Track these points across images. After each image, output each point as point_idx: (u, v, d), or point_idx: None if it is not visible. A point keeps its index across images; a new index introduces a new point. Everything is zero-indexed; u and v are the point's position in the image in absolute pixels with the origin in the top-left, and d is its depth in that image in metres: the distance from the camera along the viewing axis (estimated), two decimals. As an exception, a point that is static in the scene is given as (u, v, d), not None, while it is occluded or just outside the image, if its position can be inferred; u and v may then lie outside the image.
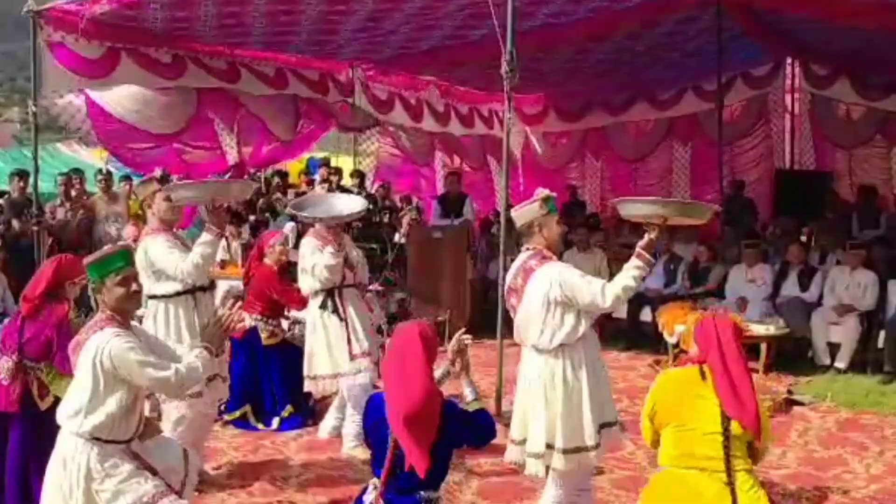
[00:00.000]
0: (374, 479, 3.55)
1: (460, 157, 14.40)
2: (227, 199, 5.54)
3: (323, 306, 5.97)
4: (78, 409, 3.67)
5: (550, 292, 4.34)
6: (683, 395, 3.75)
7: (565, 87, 13.57)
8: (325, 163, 13.82)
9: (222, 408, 6.66)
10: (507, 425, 6.47)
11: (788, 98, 13.42)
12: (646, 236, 4.37)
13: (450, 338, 10.22)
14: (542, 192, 4.66)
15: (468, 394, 3.77)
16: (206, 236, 5.04)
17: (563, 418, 4.33)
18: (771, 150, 13.56)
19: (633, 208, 4.63)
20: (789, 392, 7.58)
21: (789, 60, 12.92)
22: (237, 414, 6.72)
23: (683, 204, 5.22)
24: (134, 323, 4.02)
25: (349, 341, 5.92)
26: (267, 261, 6.97)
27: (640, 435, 4.14)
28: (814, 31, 10.53)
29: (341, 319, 5.95)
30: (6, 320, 5.79)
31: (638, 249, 4.35)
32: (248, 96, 10.59)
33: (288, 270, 6.74)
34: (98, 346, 3.64)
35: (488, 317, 9.97)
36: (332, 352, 5.95)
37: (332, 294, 5.96)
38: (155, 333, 4.98)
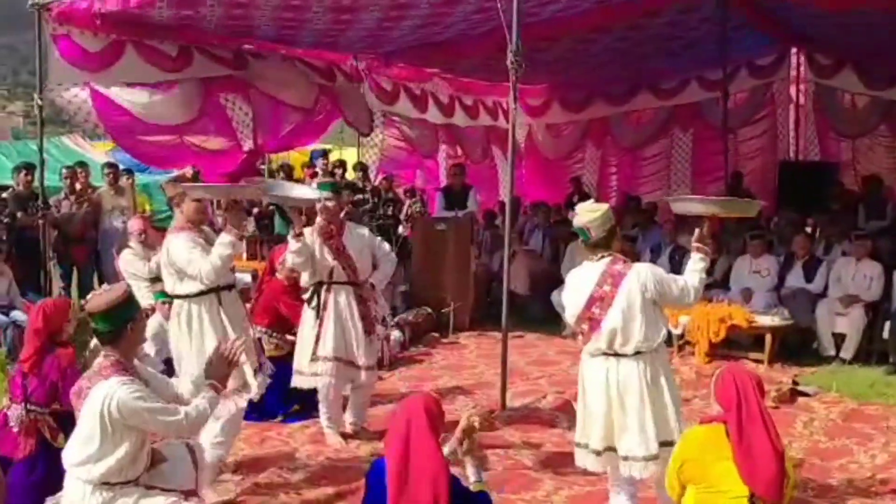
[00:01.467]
0: None
1: (463, 148, 14.39)
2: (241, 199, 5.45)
3: (308, 301, 5.99)
4: (87, 457, 3.65)
5: (646, 292, 4.43)
6: (710, 456, 3.66)
7: (568, 77, 13.55)
8: (325, 154, 13.80)
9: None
10: (510, 417, 6.55)
11: (793, 89, 13.40)
12: (696, 231, 4.63)
13: (455, 329, 10.33)
14: (597, 204, 4.72)
15: (472, 474, 3.76)
16: (224, 237, 4.93)
17: (655, 419, 4.42)
18: (775, 141, 13.57)
19: (687, 206, 4.92)
20: (794, 383, 7.57)
21: (794, 51, 12.90)
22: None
23: (734, 201, 5.34)
24: (136, 362, 3.98)
25: (317, 341, 5.90)
26: (278, 275, 6.94)
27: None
28: (818, 20, 10.49)
29: (317, 317, 5.92)
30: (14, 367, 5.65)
31: (695, 245, 4.61)
32: (258, 77, 10.54)
33: (298, 286, 6.61)
34: (105, 396, 3.60)
35: (492, 308, 10.04)
36: (303, 349, 6.00)
37: (318, 288, 5.96)
38: (179, 334, 5.04)
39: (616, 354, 4.47)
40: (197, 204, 5.14)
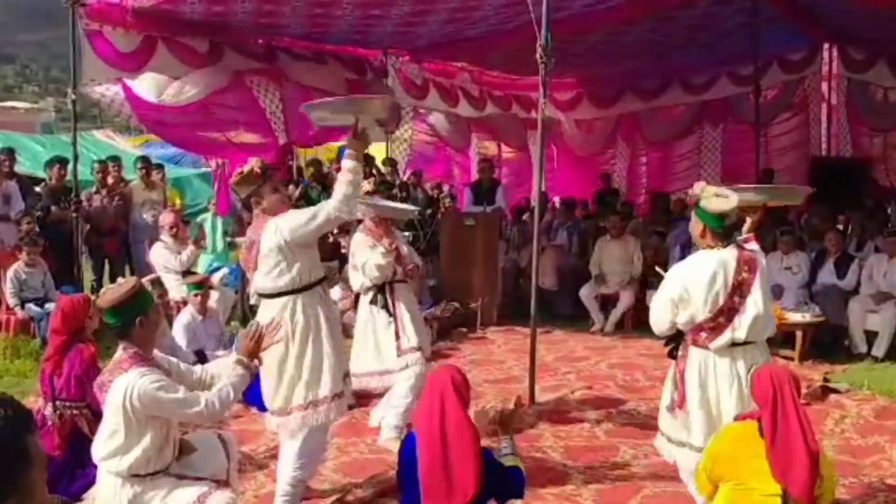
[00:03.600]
0: None
1: (500, 138, 14.38)
2: (370, 116, 4.93)
3: (373, 301, 5.98)
4: (114, 450, 3.70)
5: (766, 277, 4.46)
6: (742, 453, 3.65)
7: (598, 70, 13.51)
8: (339, 151, 13.83)
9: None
10: (539, 412, 6.54)
11: (825, 85, 13.26)
12: (748, 220, 4.71)
13: (483, 324, 10.34)
14: (724, 190, 4.50)
15: (505, 447, 3.81)
16: (348, 163, 4.56)
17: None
18: (807, 137, 13.44)
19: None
20: (825, 380, 7.51)
21: (826, 46, 12.76)
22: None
23: (779, 188, 5.34)
24: (155, 352, 3.99)
25: (398, 337, 5.92)
26: None
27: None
28: (851, 14, 10.39)
29: (390, 315, 5.94)
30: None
31: (747, 235, 4.66)
32: (290, 68, 10.58)
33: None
34: (126, 388, 3.63)
35: (519, 303, 10.04)
36: (380, 348, 5.96)
37: (382, 290, 5.98)
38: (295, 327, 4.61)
39: (745, 343, 4.33)
40: (278, 195, 4.81)
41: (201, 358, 6.61)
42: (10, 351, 8.19)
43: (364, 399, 6.63)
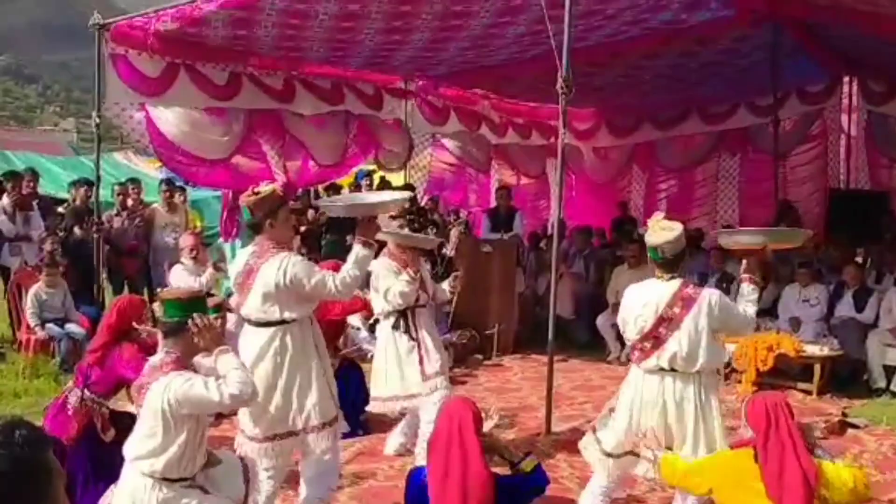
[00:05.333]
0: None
1: (519, 166, 14.44)
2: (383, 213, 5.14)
3: (395, 326, 5.99)
4: (150, 451, 3.75)
5: (713, 320, 4.54)
6: (740, 485, 3.71)
7: (617, 102, 13.57)
8: (369, 174, 13.90)
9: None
10: (555, 442, 6.52)
11: (844, 118, 13.26)
12: (744, 263, 4.80)
13: (498, 351, 10.36)
14: (672, 222, 4.71)
15: (512, 457, 3.87)
16: (361, 250, 4.64)
17: (705, 433, 4.56)
18: (825, 169, 13.39)
19: (735, 239, 5.05)
20: (844, 415, 7.46)
21: (846, 79, 12.77)
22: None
23: (780, 231, 5.39)
24: (196, 360, 4.05)
25: (421, 361, 5.93)
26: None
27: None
28: (871, 47, 10.41)
29: (413, 339, 5.96)
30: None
31: (745, 275, 4.78)
32: (295, 120, 10.62)
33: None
34: (163, 390, 3.70)
35: (536, 331, 10.03)
36: (405, 373, 5.96)
37: (404, 314, 6.00)
38: (278, 361, 4.62)
39: (673, 370, 4.58)
40: (291, 223, 4.91)
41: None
42: (29, 370, 8.25)
43: (380, 426, 6.65)
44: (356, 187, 13.85)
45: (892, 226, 11.66)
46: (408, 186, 13.02)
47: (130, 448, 3.84)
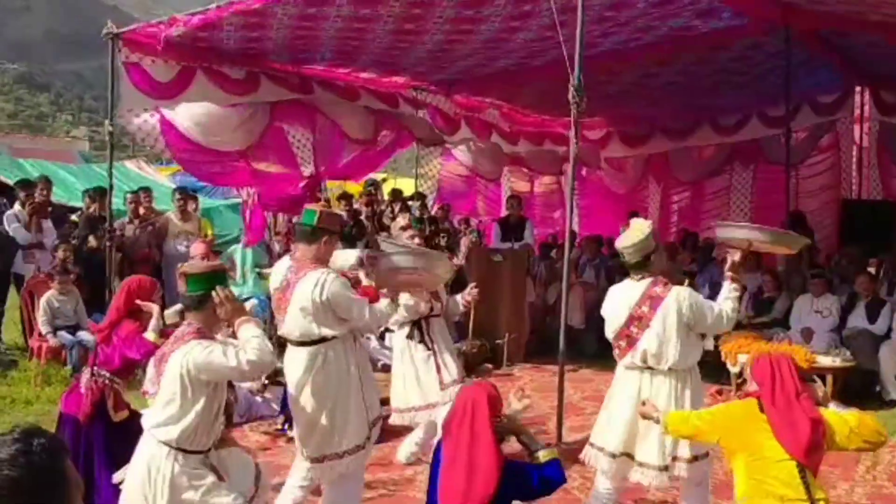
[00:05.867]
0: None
1: (534, 169, 14.42)
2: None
3: (410, 336, 6.01)
4: (168, 418, 3.81)
5: (683, 317, 4.63)
6: (747, 427, 3.74)
7: (629, 111, 13.55)
8: (373, 184, 13.87)
9: (285, 425, 6.79)
10: (566, 452, 6.51)
11: (856, 128, 13.22)
12: (728, 259, 4.86)
13: (508, 361, 10.33)
14: (644, 223, 4.85)
15: (535, 447, 3.75)
16: (390, 306, 4.86)
17: None
18: (838, 179, 13.35)
19: (732, 232, 5.05)
20: (856, 426, 7.40)
21: (858, 89, 12.73)
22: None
23: (778, 233, 5.32)
24: (218, 336, 4.11)
25: (438, 370, 5.94)
26: None
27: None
28: (884, 57, 10.38)
29: (428, 349, 5.97)
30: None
31: (728, 273, 4.83)
32: (323, 102, 10.62)
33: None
34: (183, 357, 3.77)
35: (546, 340, 10.00)
36: (421, 383, 5.97)
37: (418, 324, 6.01)
38: (323, 380, 4.69)
39: (650, 368, 4.74)
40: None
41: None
42: (41, 378, 8.28)
43: (391, 435, 6.64)
44: (367, 195, 13.89)
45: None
46: (419, 196, 13.05)
47: (149, 416, 3.91)
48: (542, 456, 3.65)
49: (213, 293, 3.91)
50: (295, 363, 4.72)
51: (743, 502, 3.74)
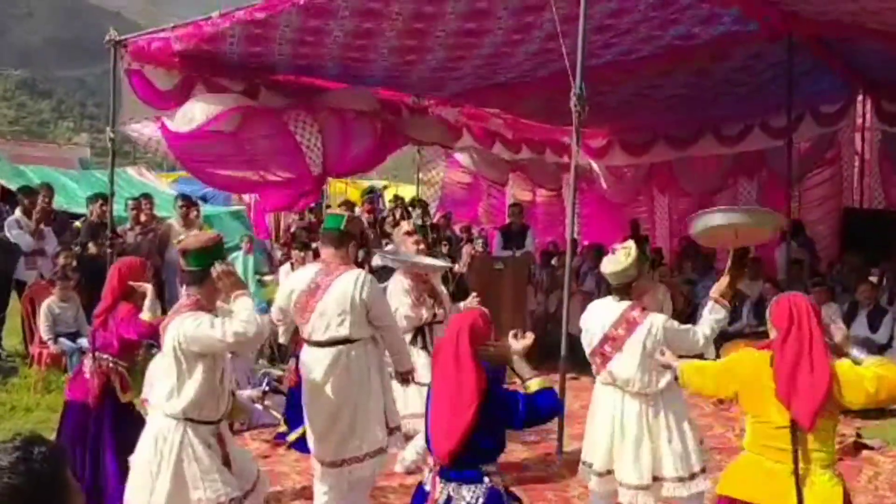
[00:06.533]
0: (431, 460, 3.63)
1: (536, 181, 14.41)
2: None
3: (412, 342, 6.01)
4: (169, 390, 3.89)
5: (655, 341, 4.67)
6: (757, 384, 3.68)
7: (631, 121, 13.55)
8: (371, 190, 13.85)
9: (285, 429, 6.79)
10: (566, 461, 6.50)
11: (857, 137, 13.21)
12: (715, 286, 4.80)
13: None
14: (628, 251, 4.84)
15: (525, 373, 3.67)
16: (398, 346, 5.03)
17: (671, 449, 4.75)
18: (840, 189, 13.34)
19: (705, 220, 4.63)
20: (858, 435, 7.41)
21: (860, 98, 12.73)
22: (301, 431, 6.73)
23: (753, 211, 5.21)
24: (219, 304, 4.14)
25: None
26: None
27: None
28: (886, 66, 10.39)
29: (430, 355, 5.94)
30: None
31: (713, 294, 4.76)
32: (326, 97, 10.47)
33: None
34: (176, 330, 3.85)
35: (548, 349, 9.97)
36: (422, 389, 5.93)
37: (421, 330, 6.00)
38: (344, 380, 4.75)
39: (622, 389, 4.83)
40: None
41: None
42: (41, 385, 8.27)
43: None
44: (369, 202, 13.91)
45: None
46: (421, 203, 13.06)
47: (154, 391, 4.01)
48: (532, 385, 3.58)
49: (212, 268, 3.97)
50: (316, 363, 4.75)
51: (747, 451, 3.78)
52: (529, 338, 3.84)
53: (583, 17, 6.45)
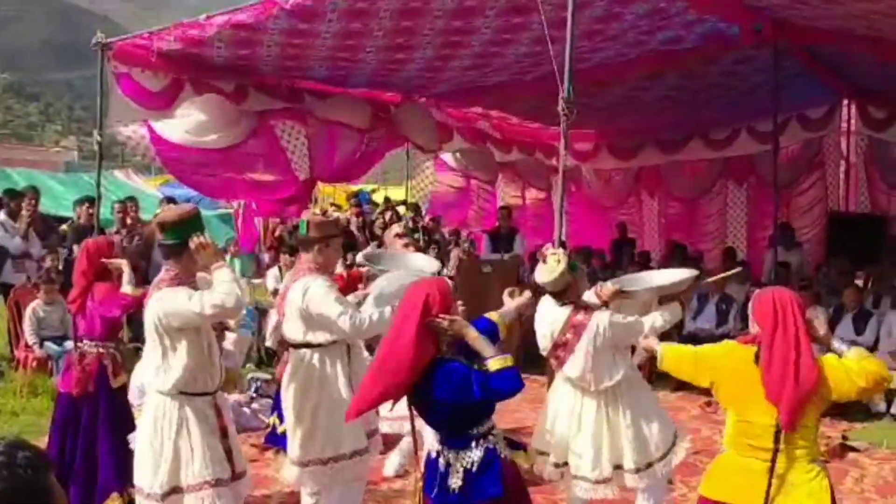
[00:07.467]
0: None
1: (526, 181, 14.42)
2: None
3: None
4: (157, 368, 3.90)
5: (605, 341, 4.74)
6: (740, 381, 3.62)
7: (618, 124, 13.57)
8: (357, 195, 13.81)
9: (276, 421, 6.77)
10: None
11: (843, 141, 13.28)
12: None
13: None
14: (558, 258, 4.90)
15: (488, 354, 3.48)
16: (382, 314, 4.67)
17: (631, 440, 4.80)
18: (825, 193, 13.41)
19: (638, 288, 5.28)
20: (844, 438, 7.44)
21: (846, 103, 12.80)
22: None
23: (669, 284, 5.29)
24: (198, 275, 4.14)
25: None
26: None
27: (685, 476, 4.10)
28: (873, 72, 10.44)
29: None
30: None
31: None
32: (314, 106, 10.57)
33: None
34: (155, 304, 3.86)
35: (536, 352, 9.97)
36: None
37: None
38: (304, 383, 4.68)
39: (591, 390, 4.89)
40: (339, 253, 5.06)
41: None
42: (27, 389, 8.23)
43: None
44: (357, 205, 13.89)
45: (890, 249, 11.67)
46: (414, 206, 13.05)
47: (145, 371, 4.04)
48: (492, 364, 3.41)
49: (190, 241, 3.94)
50: (289, 364, 4.79)
51: (726, 449, 3.77)
52: (526, 295, 3.85)
53: (570, 20, 6.46)
